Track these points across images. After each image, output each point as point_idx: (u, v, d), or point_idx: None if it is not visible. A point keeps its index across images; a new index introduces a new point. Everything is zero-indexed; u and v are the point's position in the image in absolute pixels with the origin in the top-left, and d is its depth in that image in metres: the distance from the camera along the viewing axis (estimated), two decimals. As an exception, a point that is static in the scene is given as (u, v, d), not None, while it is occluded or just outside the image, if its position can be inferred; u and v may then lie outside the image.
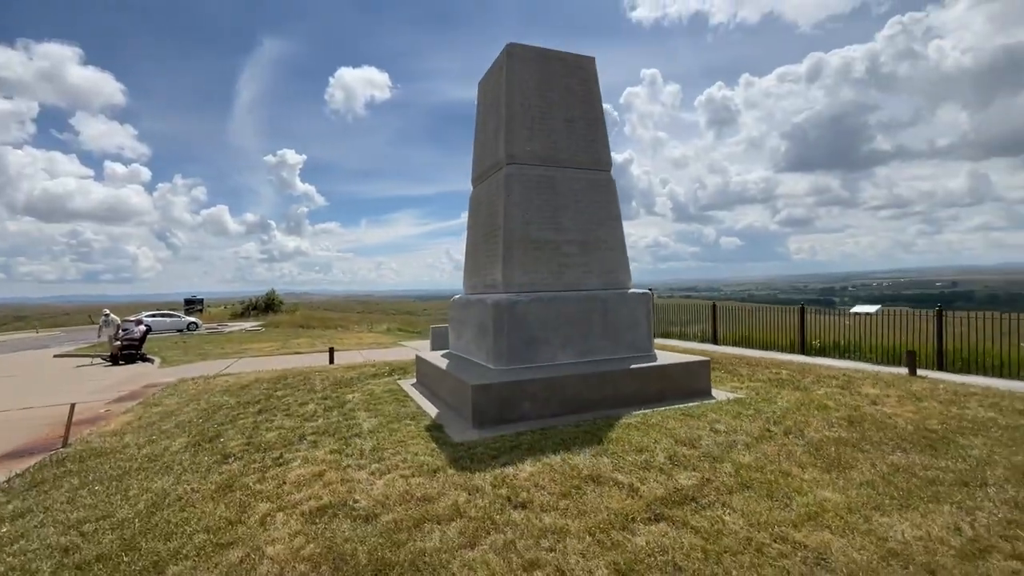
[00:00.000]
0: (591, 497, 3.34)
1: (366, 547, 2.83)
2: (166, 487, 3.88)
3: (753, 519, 3.00)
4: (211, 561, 2.79)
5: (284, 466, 4.17)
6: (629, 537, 2.85)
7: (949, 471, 3.59)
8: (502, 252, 5.92)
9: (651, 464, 3.84)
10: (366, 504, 3.37)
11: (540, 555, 2.70)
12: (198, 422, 5.81)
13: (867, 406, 5.26)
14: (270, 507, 3.41)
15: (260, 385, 7.90)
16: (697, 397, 5.77)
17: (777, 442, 4.24)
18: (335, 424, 5.32)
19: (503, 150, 6.10)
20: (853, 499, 3.22)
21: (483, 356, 5.94)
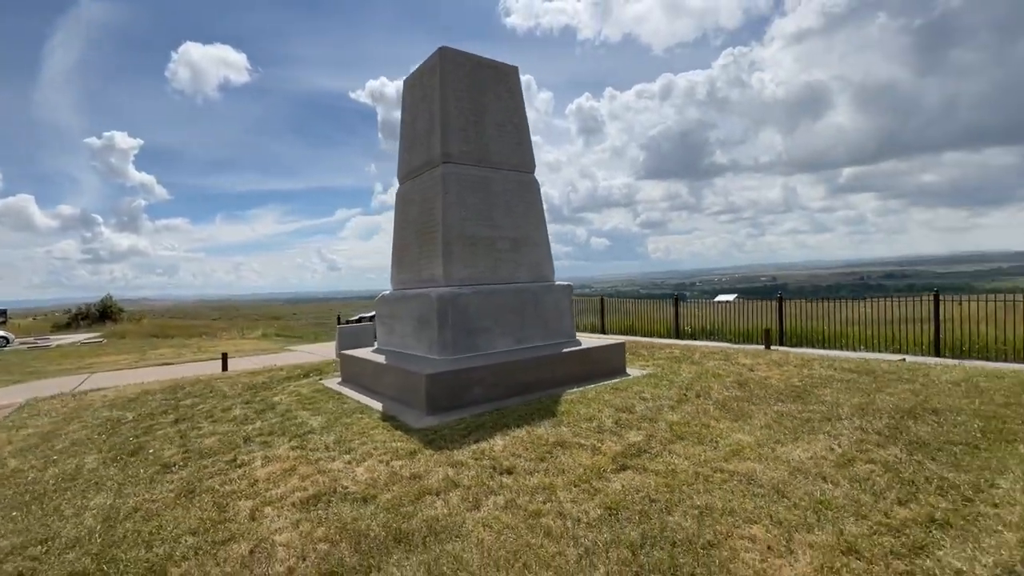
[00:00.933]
0: (563, 459, 3.82)
1: (377, 522, 2.99)
2: (110, 502, 3.52)
3: (694, 460, 3.72)
4: (216, 558, 2.73)
5: (245, 467, 4.01)
6: (606, 484, 3.38)
7: (815, 412, 4.73)
8: (441, 248, 6.15)
9: (603, 428, 4.45)
10: (357, 488, 3.46)
11: (540, 506, 3.10)
12: (101, 438, 5.15)
13: (747, 372, 6.51)
14: (253, 503, 3.33)
15: (153, 397, 7.09)
16: (616, 375, 6.59)
17: (693, 403, 5.13)
18: (279, 424, 5.12)
19: (439, 149, 6.32)
20: (759, 438, 4.13)
21: (424, 348, 6.12)
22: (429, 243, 6.41)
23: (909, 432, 4.13)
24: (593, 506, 3.08)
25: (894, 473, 3.39)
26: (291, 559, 2.67)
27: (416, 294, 6.32)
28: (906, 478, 3.31)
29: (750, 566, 2.44)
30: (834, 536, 2.66)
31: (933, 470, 3.41)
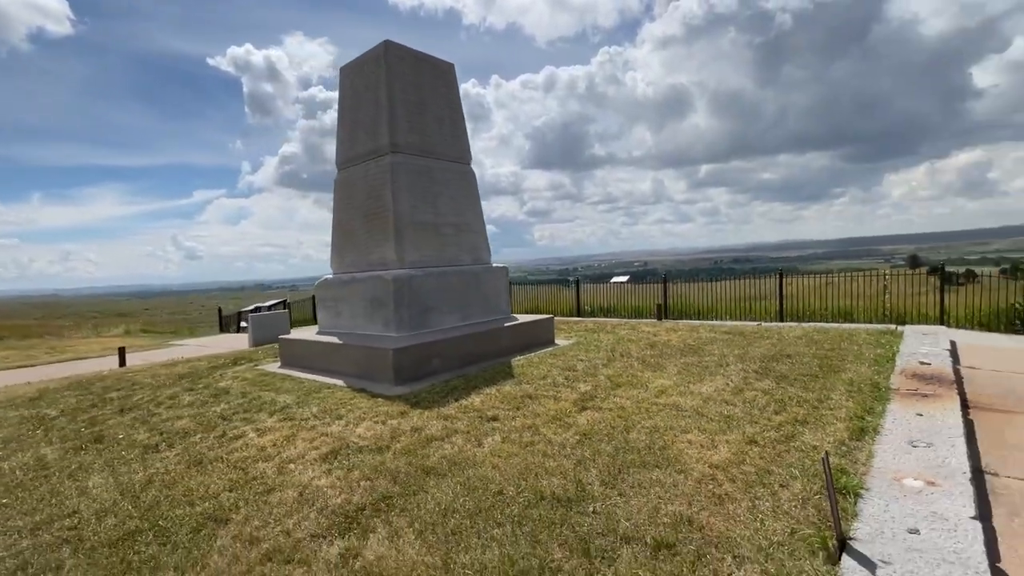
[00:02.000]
0: (535, 407, 4.63)
1: (401, 463, 3.53)
2: (113, 480, 3.59)
3: (633, 399, 4.76)
4: (268, 503, 3.09)
5: (241, 439, 4.21)
6: (575, 420, 4.26)
7: (709, 362, 6.10)
8: (394, 233, 6.54)
9: (556, 384, 5.33)
10: (367, 443, 3.93)
11: (530, 439, 3.88)
12: (39, 433, 4.85)
13: (652, 337, 7.87)
14: (273, 464, 3.65)
15: (61, 395, 6.52)
16: (549, 345, 7.55)
17: (620, 361, 6.25)
18: (247, 404, 5.24)
19: (387, 139, 6.66)
20: (675, 381, 5.31)
21: (379, 327, 6.50)
22: (379, 228, 6.74)
23: (774, 370, 5.61)
24: (570, 435, 3.93)
25: (769, 396, 4.72)
26: (341, 495, 3.14)
27: (368, 277, 6.65)
28: (777, 398, 4.64)
29: (692, 456, 3.46)
30: (740, 435, 3.80)
31: (793, 392, 4.81)
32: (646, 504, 2.86)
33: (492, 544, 2.55)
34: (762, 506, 2.80)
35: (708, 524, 2.64)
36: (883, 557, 2.35)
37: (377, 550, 2.55)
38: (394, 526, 2.76)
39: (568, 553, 2.45)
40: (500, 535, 2.62)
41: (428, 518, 2.81)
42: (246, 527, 2.84)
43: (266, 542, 2.68)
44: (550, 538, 2.57)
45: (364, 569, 2.41)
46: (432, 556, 2.48)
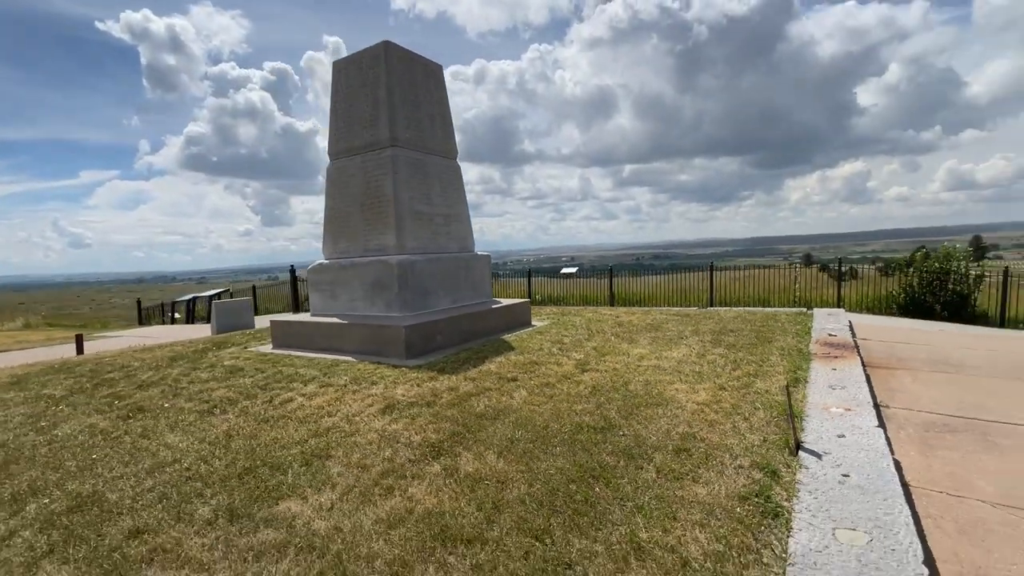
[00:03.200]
0: (543, 370, 5.47)
1: (454, 412, 4.24)
2: (188, 439, 3.97)
3: (622, 363, 5.73)
4: (356, 444, 3.69)
5: (291, 403, 4.67)
6: (581, 379, 5.15)
7: (671, 335, 7.25)
8: (395, 221, 7.07)
9: (553, 353, 6.21)
10: (415, 400, 4.57)
11: (552, 392, 4.72)
12: (67, 410, 4.96)
13: (616, 318, 8.98)
14: (338, 419, 4.21)
15: (46, 378, 6.43)
16: (528, 325, 8.41)
17: (598, 336, 7.25)
18: (273, 376, 5.61)
19: (387, 134, 7.16)
20: (650, 350, 6.36)
21: (381, 308, 7.01)
22: (378, 216, 7.23)
23: (724, 341, 6.85)
24: (581, 388, 4.82)
25: (725, 359, 5.89)
26: (417, 435, 3.80)
27: (370, 261, 7.13)
28: (731, 360, 5.83)
29: (682, 399, 4.47)
30: (712, 384, 4.88)
31: (742, 356, 6.03)
32: (660, 428, 3.81)
33: (557, 457, 3.37)
34: (740, 426, 3.84)
35: (707, 438, 3.63)
36: (824, 450, 3.46)
37: (471, 465, 3.28)
38: (474, 451, 3.49)
39: (616, 458, 3.33)
40: (561, 451, 3.45)
41: (500, 445, 3.57)
42: (351, 458, 3.44)
43: (376, 467, 3.31)
44: (600, 451, 3.44)
45: (469, 476, 3.14)
46: (516, 466, 3.25)
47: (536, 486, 2.99)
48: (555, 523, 2.61)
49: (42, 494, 3.20)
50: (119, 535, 2.68)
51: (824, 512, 2.72)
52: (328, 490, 3.05)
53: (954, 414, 4.38)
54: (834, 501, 2.83)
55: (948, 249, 11.35)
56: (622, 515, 2.67)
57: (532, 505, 2.79)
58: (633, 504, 2.76)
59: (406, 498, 2.92)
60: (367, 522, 2.69)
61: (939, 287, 11.20)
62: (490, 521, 2.65)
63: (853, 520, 2.64)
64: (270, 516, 2.78)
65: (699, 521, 2.60)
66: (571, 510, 2.73)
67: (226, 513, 2.83)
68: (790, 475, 3.09)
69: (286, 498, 2.98)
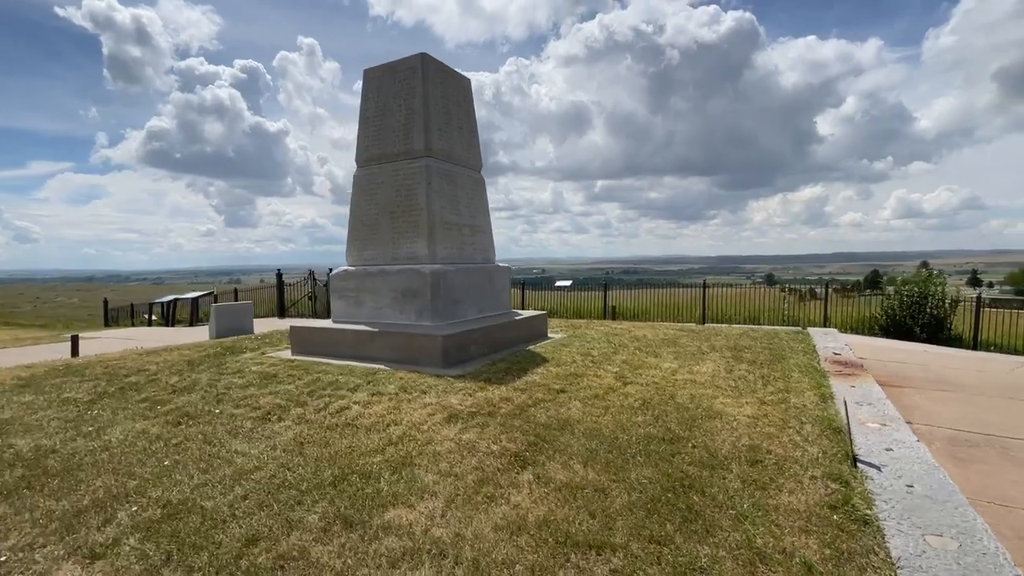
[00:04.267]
0: (586, 383, 5.61)
1: (520, 422, 4.32)
2: (262, 444, 3.92)
3: (658, 377, 5.93)
4: (436, 453, 3.73)
5: (349, 410, 4.65)
6: (626, 391, 5.31)
7: (690, 350, 7.51)
8: (427, 230, 7.12)
9: (587, 366, 6.36)
10: (474, 410, 4.63)
11: (603, 403, 4.86)
12: (110, 413, 4.79)
13: (628, 332, 9.22)
14: (404, 427, 4.22)
15: (60, 380, 6.16)
16: (546, 337, 8.55)
17: (623, 350, 7.44)
18: (314, 383, 5.54)
19: (422, 144, 7.22)
20: (678, 365, 6.59)
21: (411, 317, 7.02)
22: (410, 225, 7.26)
23: (743, 357, 7.16)
24: (631, 401, 4.98)
25: (753, 374, 6.17)
26: (494, 444, 3.87)
27: (401, 270, 7.13)
28: (759, 376, 6.11)
29: (731, 412, 4.68)
30: (753, 399, 5.13)
31: (766, 372, 6.32)
32: (724, 440, 3.99)
33: (641, 467, 3.50)
34: (795, 439, 4.07)
35: (772, 450, 3.84)
36: (880, 462, 3.72)
37: (561, 474, 3.38)
38: (558, 461, 3.59)
39: (697, 469, 3.49)
40: (642, 461, 3.59)
41: (580, 455, 3.68)
42: (438, 467, 3.48)
43: (468, 475, 3.37)
44: (679, 461, 3.60)
45: (565, 485, 3.24)
46: (606, 475, 3.37)
47: (635, 495, 3.11)
48: (671, 529, 2.74)
49: (127, 501, 3.11)
50: (235, 543, 2.66)
51: (908, 520, 2.95)
52: (430, 498, 3.09)
53: (971, 430, 4.74)
54: (911, 510, 3.07)
55: (925, 275, 12.12)
56: (729, 522, 2.82)
57: (640, 513, 2.91)
58: (735, 512, 2.92)
59: (512, 506, 3.00)
60: (486, 529, 2.76)
61: (917, 311, 11.94)
62: (608, 528, 2.76)
63: (937, 527, 2.87)
64: (385, 524, 2.81)
65: (803, 528, 2.77)
66: (679, 517, 2.86)
67: (339, 521, 2.84)
68: (860, 486, 3.32)
69: (391, 506, 3.00)
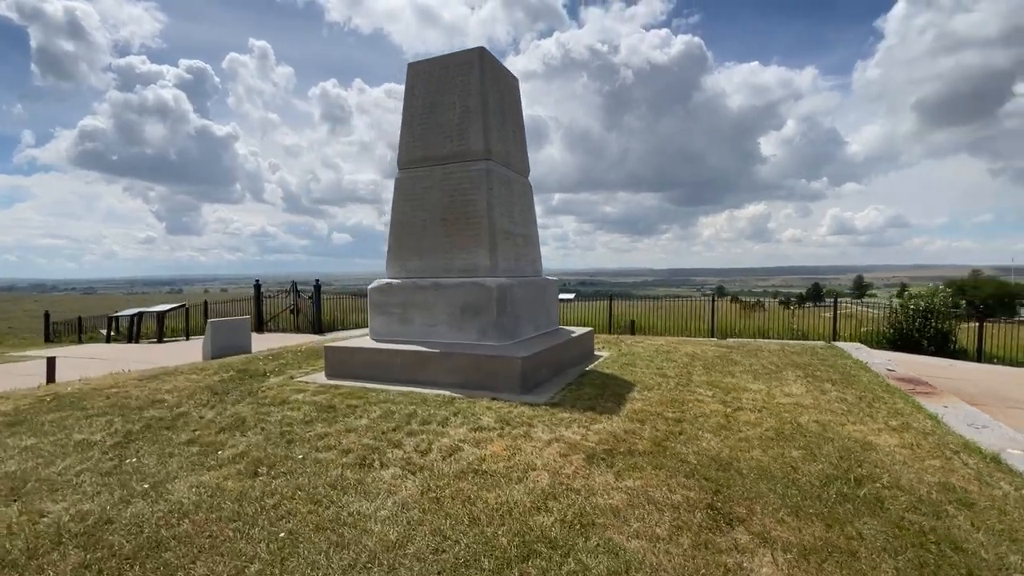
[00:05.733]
0: (694, 409, 5.11)
1: (671, 461, 3.76)
2: (389, 508, 3.17)
3: (760, 401, 5.49)
4: (613, 509, 3.11)
5: (459, 451, 3.94)
6: (744, 418, 4.85)
7: (758, 370, 7.17)
8: (488, 240, 6.47)
9: (676, 390, 5.87)
10: (605, 446, 4.04)
11: (735, 435, 4.38)
12: (158, 459, 3.85)
13: (673, 348, 8.83)
14: (544, 473, 3.58)
15: (53, 415, 5.08)
16: (594, 355, 8.02)
17: (694, 370, 7.01)
18: (394, 418, 4.75)
19: (480, 145, 6.59)
20: (765, 386, 6.20)
21: (473, 335, 6.32)
22: (467, 233, 6.58)
23: (815, 376, 6.87)
24: (762, 431, 4.50)
25: (846, 396, 5.86)
26: (673, 494, 3.29)
27: (460, 283, 6.43)
28: (854, 397, 5.79)
29: (864, 433, 4.30)
30: (876, 422, 4.78)
31: (855, 393, 6.01)
32: (909, 477, 3.59)
33: (860, 517, 3.03)
34: (969, 472, 3.72)
35: (966, 487, 3.47)
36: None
37: (782, 532, 2.85)
38: (764, 514, 3.06)
39: (920, 516, 3.05)
40: (852, 509, 3.12)
41: (779, 504, 3.17)
42: (630, 527, 2.87)
43: (676, 538, 2.78)
44: (894, 507, 3.15)
45: (798, 546, 2.71)
46: (833, 532, 2.87)
47: (897, 558, 2.63)
48: (980, 606, 2.27)
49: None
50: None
51: None
52: (654, 574, 2.49)
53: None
54: None
55: (932, 289, 12.49)
56: (1031, 591, 2.38)
57: None
58: None
59: (763, 579, 2.44)
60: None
61: (923, 324, 12.25)
62: (910, 608, 2.25)
63: None
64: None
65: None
66: (970, 587, 2.40)
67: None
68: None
69: (620, 587, 2.38)
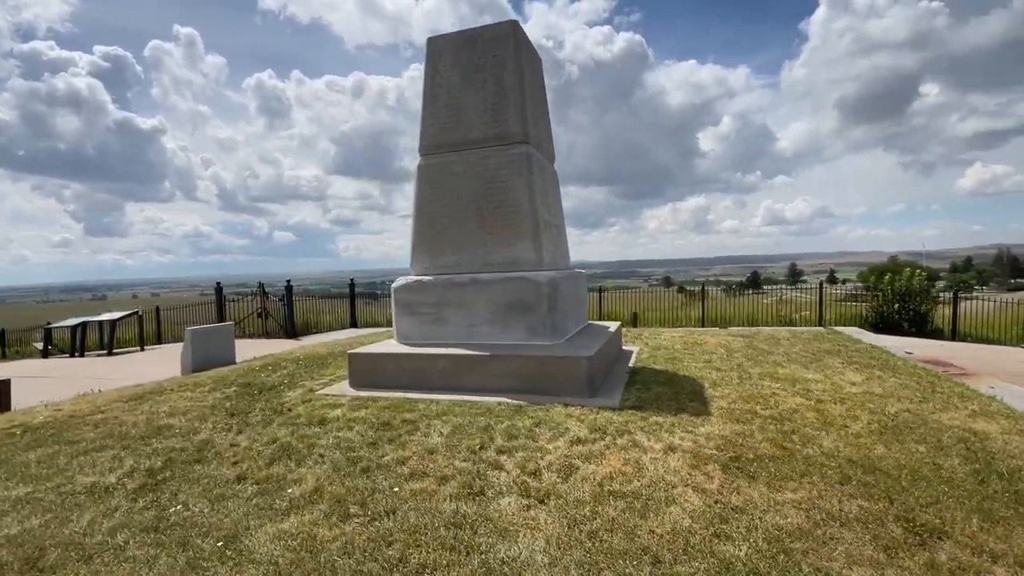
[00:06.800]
0: (775, 403, 4.83)
1: (803, 465, 3.42)
2: (551, 552, 2.62)
3: (830, 392, 5.28)
4: (806, 535, 2.73)
5: (575, 471, 3.42)
6: (833, 410, 4.61)
7: (802, 359, 7.06)
8: (531, 230, 5.92)
9: (739, 384, 5.59)
10: (731, 454, 3.64)
11: (844, 431, 4.12)
12: (242, 502, 3.09)
13: (696, 339, 8.62)
14: (688, 489, 3.14)
15: (38, 450, 4.14)
16: (627, 353, 7.66)
17: (739, 362, 6.77)
18: (465, 433, 4.15)
19: (518, 127, 6.01)
20: (824, 375, 6.02)
21: (521, 335, 5.76)
22: (506, 224, 6.00)
23: (855, 361, 6.80)
24: (867, 426, 4.27)
25: (899, 383, 5.79)
26: (843, 505, 2.94)
27: (503, 278, 5.84)
28: (911, 383, 5.73)
29: (965, 421, 4.17)
30: (960, 409, 4.68)
31: (904, 380, 5.98)
32: (1020, 452, 3.43)
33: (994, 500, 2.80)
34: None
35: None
36: None
37: (979, 539, 2.56)
38: (966, 524, 2.77)
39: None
40: None
41: (961, 500, 2.90)
42: (830, 550, 2.49)
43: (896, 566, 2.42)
44: None
45: (995, 551, 2.42)
46: None
47: None
48: None
49: None
50: None
51: None
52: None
53: None
54: None
55: (910, 273, 13.06)
56: None
57: None
58: None
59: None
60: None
61: (902, 307, 12.81)
62: None
63: None
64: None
65: None
66: None
67: None
68: None
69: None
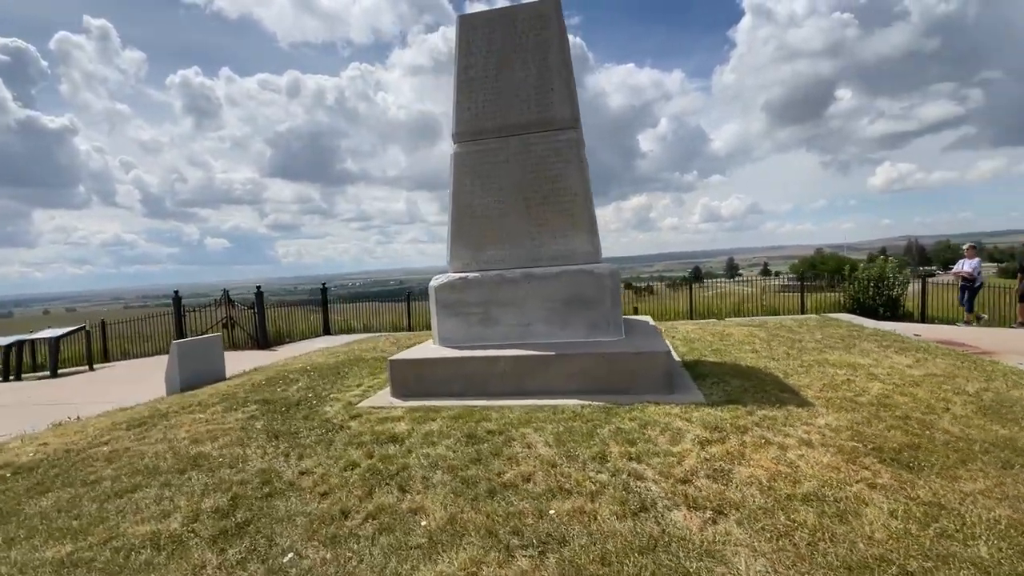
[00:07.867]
0: (858, 389, 4.71)
1: (899, 431, 3.27)
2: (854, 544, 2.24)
3: (886, 375, 5.29)
4: (1014, 518, 2.51)
5: (724, 475, 3.07)
6: (916, 395, 4.55)
7: (832, 344, 7.09)
8: (586, 220, 5.54)
9: (805, 373, 5.46)
10: (851, 438, 3.43)
11: (931, 410, 4.03)
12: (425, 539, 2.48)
13: (720, 329, 8.56)
14: (812, 467, 2.87)
15: (40, 491, 3.33)
16: (659, 345, 7.46)
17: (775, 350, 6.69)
18: (589, 447, 3.70)
19: (567, 111, 5.62)
20: (874, 359, 6.03)
21: (582, 332, 5.36)
22: (558, 214, 5.58)
23: (888, 344, 6.91)
24: (968, 409, 4.24)
25: (949, 365, 5.89)
26: None
27: (560, 272, 5.42)
28: (951, 365, 5.84)
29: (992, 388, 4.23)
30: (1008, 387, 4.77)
31: (943, 363, 6.10)
32: None
33: None
34: None
35: None
36: None
37: None
38: None
39: None
40: None
41: None
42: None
43: None
44: None
45: None
46: None
47: None
48: None
49: None
50: None
51: None
52: None
53: None
54: None
55: (882, 261, 13.80)
56: None
57: None
58: None
59: None
60: None
61: (876, 293, 13.50)
62: None
63: None
64: None
65: None
66: None
67: None
68: None
69: None
